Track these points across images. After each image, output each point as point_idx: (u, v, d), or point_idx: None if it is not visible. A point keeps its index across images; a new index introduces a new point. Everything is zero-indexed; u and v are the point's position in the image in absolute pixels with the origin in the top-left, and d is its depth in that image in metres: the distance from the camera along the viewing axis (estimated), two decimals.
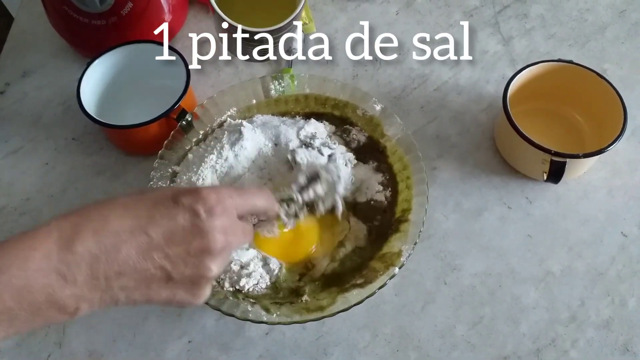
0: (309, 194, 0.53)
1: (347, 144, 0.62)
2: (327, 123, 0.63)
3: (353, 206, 0.59)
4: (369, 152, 0.62)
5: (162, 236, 0.38)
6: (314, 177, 0.54)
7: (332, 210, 0.55)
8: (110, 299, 0.38)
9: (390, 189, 0.59)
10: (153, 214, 0.38)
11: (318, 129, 0.62)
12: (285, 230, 0.55)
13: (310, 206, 0.54)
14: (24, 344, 0.56)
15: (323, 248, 0.57)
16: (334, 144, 0.61)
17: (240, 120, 0.62)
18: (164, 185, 0.59)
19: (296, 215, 0.53)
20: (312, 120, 0.62)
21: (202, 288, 0.41)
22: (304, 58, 0.75)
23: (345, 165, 0.60)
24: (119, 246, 0.36)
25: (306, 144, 0.60)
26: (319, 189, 0.54)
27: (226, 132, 0.61)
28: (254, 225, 0.53)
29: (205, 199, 0.39)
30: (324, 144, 0.60)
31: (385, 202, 0.59)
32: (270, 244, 0.56)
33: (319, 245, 0.58)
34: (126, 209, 0.38)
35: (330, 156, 0.59)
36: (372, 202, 0.59)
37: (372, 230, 0.58)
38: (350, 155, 0.61)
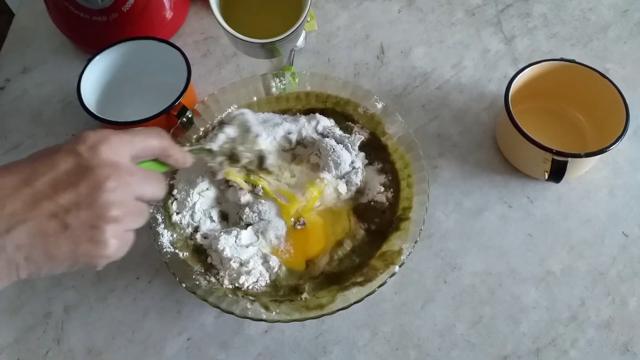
0: (221, 138, 0.53)
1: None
2: (331, 120, 0.64)
3: (354, 207, 0.59)
4: (372, 150, 0.62)
5: (48, 184, 0.36)
6: (225, 122, 0.55)
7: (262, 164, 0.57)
8: (6, 262, 0.35)
9: (392, 189, 0.59)
10: (35, 166, 0.37)
11: (325, 122, 0.62)
12: (216, 178, 0.56)
13: (232, 156, 0.55)
14: (22, 341, 0.56)
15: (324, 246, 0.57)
16: (354, 135, 0.62)
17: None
18: None
19: (222, 164, 0.54)
20: (318, 115, 0.62)
21: (105, 232, 0.38)
22: (305, 55, 0.75)
23: (350, 151, 0.60)
24: (3, 201, 0.35)
25: (325, 135, 0.61)
26: (230, 131, 0.54)
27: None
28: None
29: (85, 139, 0.38)
30: (342, 135, 0.61)
31: (387, 202, 0.59)
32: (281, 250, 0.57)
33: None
34: (8, 169, 0.37)
35: (346, 144, 0.60)
36: (372, 203, 0.59)
37: (372, 228, 0.58)
38: (362, 155, 0.61)
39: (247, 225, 0.56)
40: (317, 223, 0.58)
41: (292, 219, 0.57)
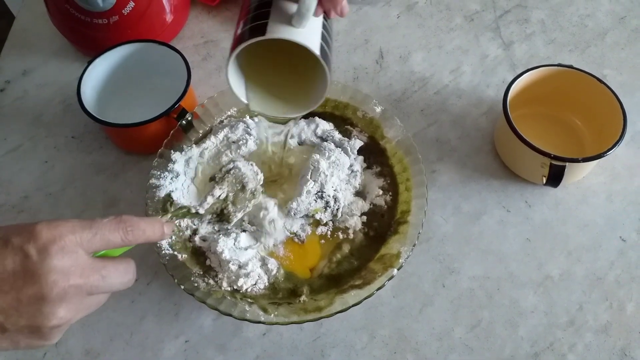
0: (209, 201, 0.51)
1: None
2: (330, 124, 0.64)
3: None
4: (371, 153, 0.62)
5: None
6: (213, 179, 0.52)
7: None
8: None
9: (390, 193, 0.59)
10: None
11: (325, 126, 0.62)
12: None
13: (220, 213, 0.52)
14: None
15: (321, 250, 0.57)
16: (354, 139, 0.62)
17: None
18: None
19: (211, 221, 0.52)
20: (318, 118, 0.63)
21: (48, 335, 0.36)
22: None
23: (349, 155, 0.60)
24: None
25: (325, 139, 0.61)
26: (217, 191, 0.51)
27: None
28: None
29: (37, 237, 0.34)
30: (341, 139, 0.61)
31: (385, 206, 0.59)
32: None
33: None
34: None
35: (344, 148, 0.60)
36: (371, 206, 0.59)
37: (371, 232, 0.58)
38: (360, 158, 0.61)
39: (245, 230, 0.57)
40: (314, 238, 0.58)
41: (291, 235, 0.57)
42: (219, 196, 0.51)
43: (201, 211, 0.50)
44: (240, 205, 0.53)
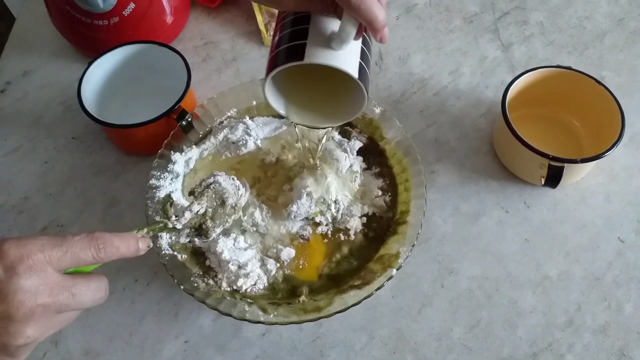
0: (187, 216, 0.49)
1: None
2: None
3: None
4: (370, 154, 0.62)
5: None
6: (192, 193, 0.51)
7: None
8: None
9: (389, 193, 0.60)
10: None
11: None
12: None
13: (199, 228, 0.51)
14: None
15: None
16: (353, 139, 0.62)
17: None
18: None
19: (189, 235, 0.51)
20: None
21: (15, 353, 0.36)
22: None
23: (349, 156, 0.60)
24: None
25: (326, 138, 0.61)
26: (195, 207, 0.50)
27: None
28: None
29: (4, 255, 0.34)
30: (341, 139, 0.61)
31: (384, 206, 0.59)
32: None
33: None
34: None
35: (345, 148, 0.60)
36: (370, 207, 0.59)
37: (370, 232, 0.58)
38: (360, 159, 0.62)
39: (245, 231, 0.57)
40: (317, 237, 0.58)
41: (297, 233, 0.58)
42: (197, 211, 0.49)
43: (178, 226, 0.48)
44: (219, 221, 0.51)
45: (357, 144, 0.62)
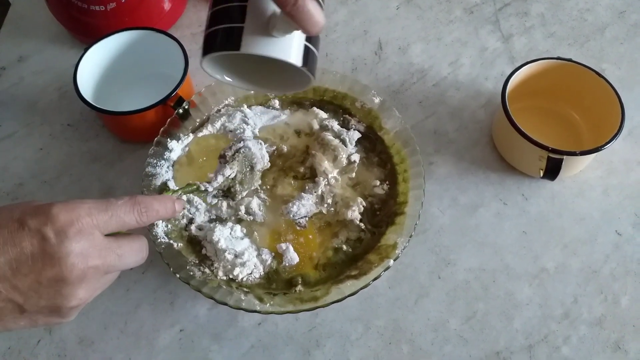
0: (219, 180, 0.51)
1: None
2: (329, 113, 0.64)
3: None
4: (369, 144, 0.62)
5: (8, 266, 0.34)
6: (222, 156, 0.52)
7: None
8: None
9: (387, 183, 0.59)
10: None
11: (322, 116, 0.63)
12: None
13: (227, 190, 0.53)
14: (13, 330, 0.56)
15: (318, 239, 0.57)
16: (352, 129, 0.62)
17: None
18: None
19: (217, 196, 0.52)
20: (316, 109, 0.63)
21: (67, 314, 0.37)
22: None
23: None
24: None
25: (325, 128, 0.60)
26: (227, 171, 0.51)
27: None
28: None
29: (54, 220, 0.35)
30: (340, 129, 0.61)
31: (382, 197, 0.59)
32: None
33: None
34: None
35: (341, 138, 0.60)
36: (368, 197, 0.59)
37: (367, 223, 0.58)
38: (358, 149, 0.61)
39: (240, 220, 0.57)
40: (314, 227, 0.58)
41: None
42: (229, 175, 0.51)
43: (210, 189, 0.50)
44: (247, 185, 0.54)
45: (356, 135, 0.61)
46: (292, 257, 0.54)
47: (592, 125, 0.65)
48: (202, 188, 0.50)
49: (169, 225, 0.56)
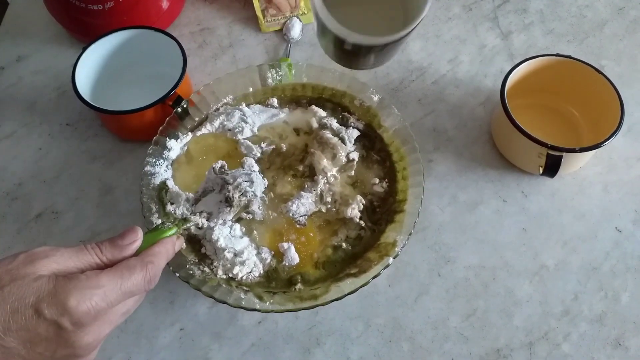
0: (218, 224, 0.53)
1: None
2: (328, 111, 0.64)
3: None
4: (368, 142, 0.62)
5: (22, 346, 0.35)
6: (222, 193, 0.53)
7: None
8: None
9: (387, 181, 0.59)
10: (9, 326, 0.35)
11: (321, 114, 0.63)
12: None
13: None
14: None
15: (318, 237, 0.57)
16: (351, 127, 0.62)
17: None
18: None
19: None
20: (315, 107, 0.63)
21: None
22: (302, 47, 0.74)
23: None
24: None
25: (324, 126, 0.60)
26: (229, 216, 0.53)
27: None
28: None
29: (72, 312, 0.35)
30: (339, 127, 0.61)
31: (382, 195, 0.59)
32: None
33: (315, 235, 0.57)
34: None
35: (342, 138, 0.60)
36: (367, 195, 0.59)
37: (367, 221, 0.57)
38: (357, 147, 0.61)
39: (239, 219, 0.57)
40: (314, 225, 0.58)
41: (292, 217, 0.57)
42: (226, 219, 0.53)
43: (209, 224, 0.52)
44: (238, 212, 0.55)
45: (355, 133, 0.61)
46: (293, 257, 0.54)
47: (592, 121, 0.64)
48: (200, 224, 0.52)
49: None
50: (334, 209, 0.57)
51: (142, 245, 0.42)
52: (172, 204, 0.57)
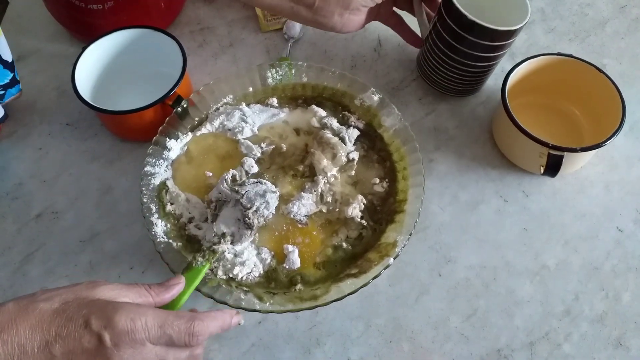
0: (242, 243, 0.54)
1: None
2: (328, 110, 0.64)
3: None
4: (368, 141, 0.62)
5: (65, 356, 0.38)
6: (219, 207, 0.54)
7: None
8: None
9: (387, 180, 0.59)
10: (61, 332, 0.38)
11: (322, 113, 0.62)
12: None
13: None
14: None
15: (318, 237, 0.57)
16: (351, 127, 0.62)
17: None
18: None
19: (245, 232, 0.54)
20: (315, 107, 0.62)
21: None
22: (302, 47, 0.74)
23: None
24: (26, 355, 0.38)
25: (324, 126, 0.60)
26: (249, 238, 0.54)
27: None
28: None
29: (114, 326, 0.39)
30: (339, 127, 0.61)
31: (382, 194, 0.58)
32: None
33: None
34: (40, 321, 0.38)
35: (342, 138, 0.60)
36: (367, 195, 0.59)
37: (367, 221, 0.57)
38: (357, 147, 0.61)
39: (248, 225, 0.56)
40: (314, 225, 0.57)
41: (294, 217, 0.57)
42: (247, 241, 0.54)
43: (236, 247, 0.54)
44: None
45: (355, 132, 0.61)
46: (295, 261, 0.54)
47: (593, 121, 0.64)
48: (227, 251, 0.53)
49: (168, 225, 0.56)
50: (335, 209, 0.57)
51: (186, 287, 0.48)
52: (171, 204, 0.57)
